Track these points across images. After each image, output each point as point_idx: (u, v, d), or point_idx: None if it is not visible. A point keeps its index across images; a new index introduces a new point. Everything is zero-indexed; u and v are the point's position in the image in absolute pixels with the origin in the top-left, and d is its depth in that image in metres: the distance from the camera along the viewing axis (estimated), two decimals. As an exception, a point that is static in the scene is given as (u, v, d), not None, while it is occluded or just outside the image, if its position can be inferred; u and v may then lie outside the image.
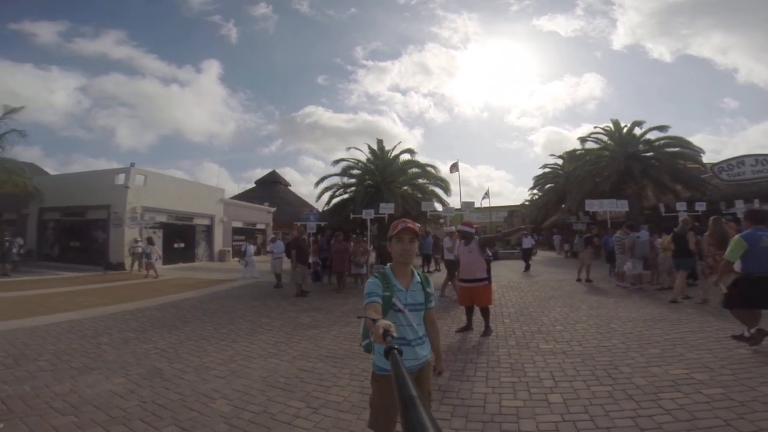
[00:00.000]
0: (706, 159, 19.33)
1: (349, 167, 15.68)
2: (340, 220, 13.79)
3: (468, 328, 5.66)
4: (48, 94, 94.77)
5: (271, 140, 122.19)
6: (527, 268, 13.59)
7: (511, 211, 26.09)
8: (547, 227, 25.33)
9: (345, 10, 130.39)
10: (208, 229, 21.51)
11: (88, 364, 4.39)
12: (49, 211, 17.93)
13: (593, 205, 12.03)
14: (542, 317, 6.32)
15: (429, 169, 16.04)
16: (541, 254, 22.29)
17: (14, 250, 13.51)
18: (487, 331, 5.39)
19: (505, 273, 13.05)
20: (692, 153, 18.16)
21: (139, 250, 14.90)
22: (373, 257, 11.65)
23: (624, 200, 12.42)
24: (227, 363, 4.45)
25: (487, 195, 32.47)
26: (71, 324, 6.43)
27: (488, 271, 5.80)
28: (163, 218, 18.31)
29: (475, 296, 5.60)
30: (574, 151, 22.09)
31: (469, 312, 5.80)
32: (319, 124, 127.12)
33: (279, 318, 6.92)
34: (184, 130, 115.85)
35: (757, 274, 3.97)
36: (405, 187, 15.82)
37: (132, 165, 16.84)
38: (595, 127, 20.89)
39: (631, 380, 3.34)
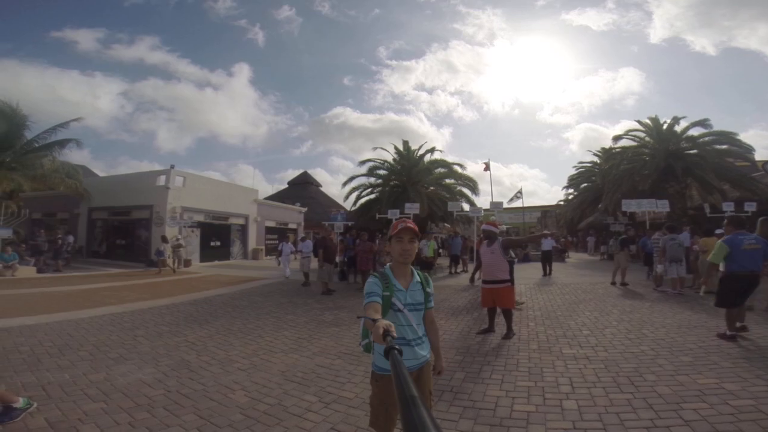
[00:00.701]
0: (759, 156, 17.88)
1: (375, 167, 15.78)
2: (366, 220, 13.90)
3: (490, 329, 5.57)
4: (93, 99, 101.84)
5: (301, 141, 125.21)
6: (548, 272, 12.50)
7: (545, 211, 25.20)
8: (584, 228, 24.31)
9: (366, 11, 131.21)
10: (243, 229, 22.32)
11: (123, 354, 4.70)
12: (98, 210, 19.27)
13: (630, 206, 11.43)
14: (569, 321, 6.10)
15: (456, 168, 15.88)
16: (575, 256, 21.46)
17: (66, 248, 14.62)
18: (508, 334, 5.27)
19: (535, 275, 12.67)
20: (741, 150, 16.84)
21: (175, 248, 15.73)
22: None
23: (664, 200, 11.72)
24: (250, 357, 4.62)
25: (519, 195, 31.62)
26: (112, 317, 6.89)
27: (511, 272, 5.64)
28: (200, 218, 19.17)
29: (497, 298, 5.50)
30: (611, 149, 21.06)
31: (492, 313, 5.70)
32: (347, 125, 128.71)
33: (304, 315, 7.10)
34: (220, 133, 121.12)
35: (739, 272, 4.65)
36: (432, 188, 15.71)
37: (172, 167, 17.79)
38: (632, 128, 19.81)
39: (654, 389, 3.18)
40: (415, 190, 13.72)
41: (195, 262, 18.06)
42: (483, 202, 15.96)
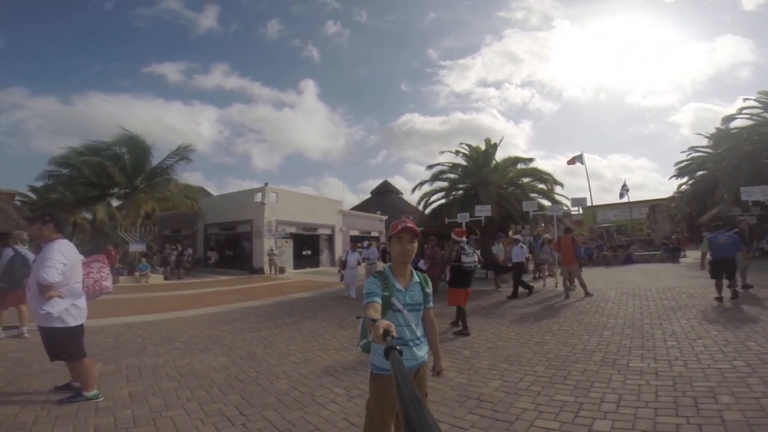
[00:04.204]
0: None
1: (442, 172, 15.58)
2: (437, 225, 13.81)
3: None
4: (196, 126, 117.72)
5: (376, 151, 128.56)
6: (515, 293, 9.12)
7: (653, 205, 21.79)
8: (706, 222, 20.52)
9: (405, 14, 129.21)
10: (330, 238, 23.95)
11: (208, 346, 5.50)
12: (211, 226, 22.54)
13: (753, 193, 9.36)
14: (655, 330, 5.31)
15: (532, 164, 14.84)
16: (693, 255, 18.19)
17: (187, 259, 17.39)
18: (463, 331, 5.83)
19: (634, 279, 11.16)
20: None
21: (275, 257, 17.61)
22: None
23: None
24: (305, 352, 5.04)
25: (625, 188, 28.07)
26: (210, 315, 8.06)
27: (455, 276, 6.32)
28: (292, 229, 21.14)
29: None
30: (725, 129, 17.53)
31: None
32: (415, 130, 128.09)
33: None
34: (303, 149, 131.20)
35: (716, 258, 7.04)
36: (510, 188, 14.91)
37: (266, 185, 20.00)
38: (745, 100, 16.27)
39: (720, 414, 2.62)
40: (486, 192, 13.19)
41: (289, 269, 19.93)
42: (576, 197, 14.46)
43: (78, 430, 2.71)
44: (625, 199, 26.35)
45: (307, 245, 22.54)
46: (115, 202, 20.11)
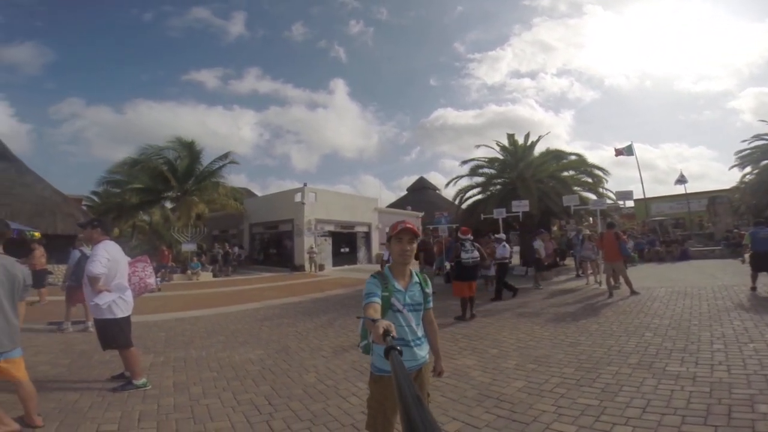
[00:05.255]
0: None
1: (478, 166, 15.23)
2: (473, 221, 13.58)
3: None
4: (237, 130, 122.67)
5: (410, 148, 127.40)
6: (496, 295, 8.94)
7: (713, 197, 19.89)
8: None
9: (425, 8, 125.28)
10: (367, 236, 24.31)
11: (247, 339, 5.87)
12: (255, 225, 23.64)
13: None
14: (703, 332, 4.96)
15: (572, 156, 14.12)
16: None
17: (233, 257, 18.40)
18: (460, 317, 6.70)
19: (688, 276, 10.39)
20: None
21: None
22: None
23: None
24: (335, 347, 5.25)
25: (682, 179, 25.95)
26: (252, 311, 8.54)
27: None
28: (330, 228, 21.69)
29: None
30: None
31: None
32: (449, 125, 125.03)
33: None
34: (339, 148, 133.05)
35: (757, 251, 7.54)
36: (552, 182, 14.33)
37: (305, 185, 20.65)
38: None
39: (753, 424, 2.45)
40: (525, 186, 12.76)
41: (328, 266, 20.49)
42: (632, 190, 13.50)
43: (125, 415, 3.04)
44: (681, 190, 24.37)
45: (345, 243, 23.02)
46: (169, 205, 21.71)
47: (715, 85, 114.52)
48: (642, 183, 26.69)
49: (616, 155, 19.88)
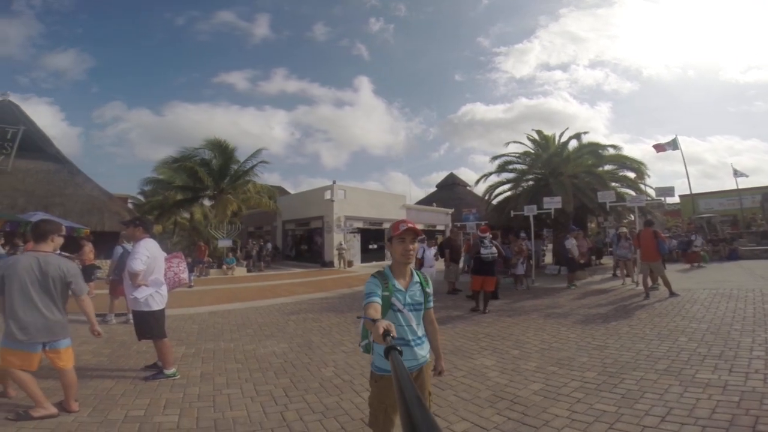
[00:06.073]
0: None
1: (508, 162, 14.81)
2: (503, 218, 13.26)
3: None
4: (269, 129, 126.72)
5: (438, 144, 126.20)
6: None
7: (767, 193, 18.23)
8: None
9: (446, 3, 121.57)
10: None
11: (274, 333, 6.10)
12: (288, 223, 24.31)
13: None
14: (744, 338, 4.64)
15: (610, 149, 13.40)
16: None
17: (266, 253, 19.03)
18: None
19: (735, 278, 9.67)
20: None
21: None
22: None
23: None
24: (356, 343, 5.31)
25: (736, 173, 24.08)
26: (281, 305, 8.82)
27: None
28: (359, 224, 21.91)
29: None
30: None
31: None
32: (477, 120, 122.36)
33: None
34: (367, 145, 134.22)
35: None
36: (588, 177, 13.72)
37: (334, 182, 20.97)
38: None
39: None
40: (558, 182, 12.28)
41: (356, 263, 20.76)
42: (677, 186, 12.69)
43: (153, 402, 3.28)
44: (732, 185, 22.60)
45: (374, 239, 23.19)
46: (207, 203, 22.74)
47: (765, 75, 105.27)
48: (688, 178, 25.02)
49: (657, 151, 18.69)
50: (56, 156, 17.96)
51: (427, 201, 32.40)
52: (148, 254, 3.82)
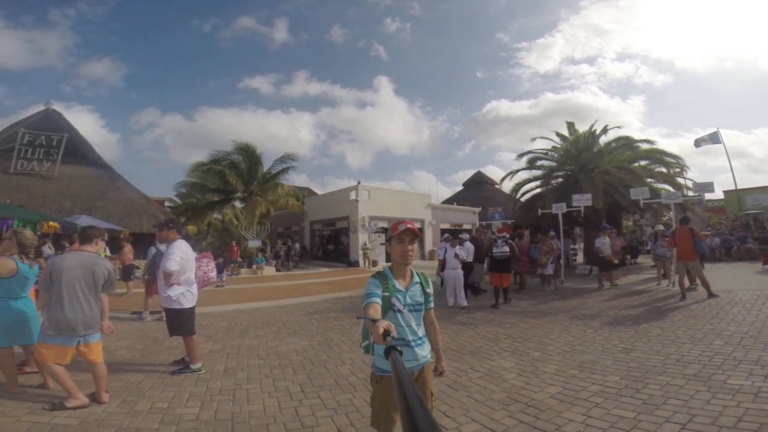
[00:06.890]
0: None
1: (535, 159, 14.36)
2: (531, 216, 12.90)
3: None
4: (295, 132, 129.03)
5: (463, 142, 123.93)
6: (473, 290, 9.33)
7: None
8: None
9: (459, 1, 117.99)
10: (419, 232, 24.26)
11: (296, 331, 6.26)
12: (315, 223, 24.78)
13: None
14: (788, 343, 4.34)
15: (644, 144, 12.71)
16: None
17: (294, 252, 19.47)
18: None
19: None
20: None
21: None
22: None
23: None
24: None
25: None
26: (306, 304, 9.03)
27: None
28: (384, 224, 21.99)
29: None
30: None
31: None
32: (502, 117, 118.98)
33: (439, 311, 7.45)
34: (390, 145, 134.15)
35: None
36: (621, 173, 13.13)
37: (358, 183, 21.16)
38: None
39: None
40: (589, 178, 11.81)
41: (381, 262, 20.82)
42: (720, 180, 11.94)
43: (177, 395, 3.47)
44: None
45: (399, 239, 23.21)
46: (239, 205, 23.55)
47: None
48: (732, 172, 23.08)
49: (696, 146, 17.58)
50: (98, 161, 19.19)
51: (453, 200, 32.06)
52: (181, 255, 4.03)
